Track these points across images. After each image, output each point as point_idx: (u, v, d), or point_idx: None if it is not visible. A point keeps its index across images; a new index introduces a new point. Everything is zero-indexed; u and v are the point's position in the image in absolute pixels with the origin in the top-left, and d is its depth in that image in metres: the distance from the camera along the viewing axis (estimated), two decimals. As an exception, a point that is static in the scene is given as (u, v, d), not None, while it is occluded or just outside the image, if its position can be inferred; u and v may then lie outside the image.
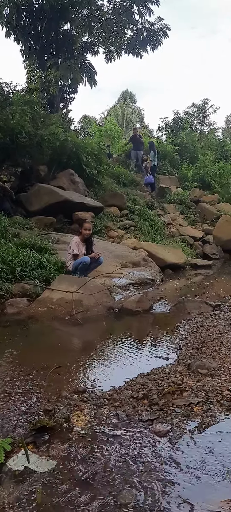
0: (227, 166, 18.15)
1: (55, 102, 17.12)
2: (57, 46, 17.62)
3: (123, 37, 18.82)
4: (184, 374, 2.99)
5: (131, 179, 15.46)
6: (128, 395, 2.72)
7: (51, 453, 2.11)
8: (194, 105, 26.78)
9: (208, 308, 5.21)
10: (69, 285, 5.38)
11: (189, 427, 2.29)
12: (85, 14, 17.92)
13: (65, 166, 11.25)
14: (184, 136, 21.52)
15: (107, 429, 2.32)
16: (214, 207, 14.76)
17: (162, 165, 18.05)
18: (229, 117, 39.88)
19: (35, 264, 6.05)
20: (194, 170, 18.42)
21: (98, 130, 23.11)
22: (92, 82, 18.84)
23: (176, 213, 14.02)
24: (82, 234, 6.41)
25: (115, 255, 7.93)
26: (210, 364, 3.11)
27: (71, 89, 18.55)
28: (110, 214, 11.39)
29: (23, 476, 1.93)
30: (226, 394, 2.60)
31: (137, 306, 5.17)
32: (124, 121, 36.57)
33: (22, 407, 2.61)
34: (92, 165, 11.93)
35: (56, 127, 11.25)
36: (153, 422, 2.37)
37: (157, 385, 2.80)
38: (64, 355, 3.77)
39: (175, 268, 9.08)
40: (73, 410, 2.55)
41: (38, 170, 10.77)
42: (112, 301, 5.52)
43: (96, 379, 3.13)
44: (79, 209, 9.87)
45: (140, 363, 3.47)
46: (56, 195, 9.70)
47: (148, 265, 8.22)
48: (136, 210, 12.01)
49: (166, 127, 23.27)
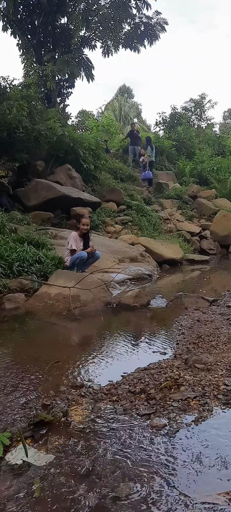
0: (224, 162, 18.16)
1: (52, 97, 17.05)
2: (55, 40, 17.52)
3: (120, 32, 18.75)
4: (181, 368, 3.01)
5: (128, 174, 15.44)
6: (125, 389, 2.74)
7: (49, 447, 2.12)
8: (192, 100, 26.75)
9: (205, 303, 5.24)
10: (67, 280, 5.39)
11: (186, 421, 2.31)
12: (82, 8, 17.85)
13: (63, 161, 11.22)
14: (181, 131, 21.50)
15: (104, 423, 2.34)
16: (211, 203, 14.78)
17: (160, 160, 18.03)
18: (226, 112, 39.90)
19: (33, 259, 6.05)
20: (191, 165, 18.43)
21: (96, 125, 22.99)
22: (90, 76, 18.77)
23: (174, 209, 14.04)
24: (80, 229, 6.41)
25: (112, 250, 7.94)
26: (207, 358, 3.13)
27: (69, 84, 18.47)
28: (108, 210, 11.39)
29: (21, 469, 1.95)
30: (222, 388, 2.63)
31: (135, 301, 5.19)
32: (121, 116, 36.46)
33: (20, 401, 2.62)
34: (90, 160, 11.91)
35: (53, 122, 11.23)
36: (150, 416, 2.39)
37: (154, 380, 2.82)
38: (62, 350, 3.79)
39: (172, 264, 9.11)
40: (71, 404, 2.57)
41: (35, 165, 10.74)
42: (110, 296, 5.53)
43: (94, 373, 3.15)
44: (76, 204, 9.87)
45: (137, 358, 3.49)
46: (53, 190, 9.69)
47: (145, 260, 8.24)
48: (133, 206, 12.01)
49: (163, 122, 23.26)
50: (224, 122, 38.55)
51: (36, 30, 17.11)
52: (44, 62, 16.57)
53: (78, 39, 18.63)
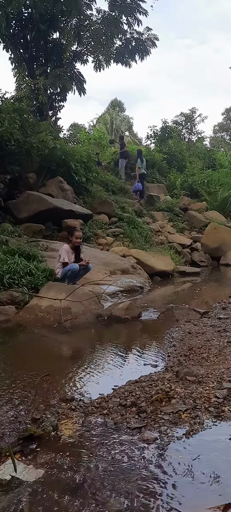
0: (215, 175, 18.41)
1: (44, 110, 17.13)
2: (47, 55, 17.67)
3: (112, 47, 18.99)
4: (172, 381, 3.00)
5: (119, 187, 15.54)
6: (116, 402, 2.72)
7: (39, 462, 2.09)
8: (182, 114, 27.20)
9: (196, 315, 5.25)
10: (58, 292, 5.36)
11: (177, 434, 2.29)
12: (74, 23, 18.06)
13: (54, 173, 11.24)
14: (172, 144, 21.78)
15: (95, 437, 2.31)
16: (202, 215, 14.93)
17: (151, 173, 18.21)
18: (216, 126, 40.57)
19: (24, 271, 6.01)
20: (182, 178, 18.64)
21: (88, 138, 23.17)
22: (82, 90, 18.95)
23: (165, 221, 14.13)
24: (72, 242, 6.40)
25: (104, 262, 7.94)
26: (198, 371, 3.12)
27: (60, 97, 18.59)
28: (99, 222, 11.41)
29: (10, 485, 1.91)
30: (213, 401, 2.62)
31: (126, 314, 5.17)
32: (113, 129, 36.77)
33: (10, 415, 2.58)
34: (82, 173, 11.96)
35: (45, 135, 11.26)
36: (141, 429, 2.36)
37: (145, 393, 2.80)
38: (53, 363, 3.76)
39: (164, 276, 9.13)
40: (61, 418, 2.54)
41: (27, 177, 10.74)
42: (101, 309, 5.51)
43: (85, 387, 3.13)
44: (68, 216, 9.87)
45: (129, 371, 3.47)
46: (45, 202, 9.69)
47: (136, 272, 8.24)
48: (124, 218, 12.05)
49: (154, 135, 23.53)
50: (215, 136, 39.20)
51: (28, 44, 17.24)
52: (36, 76, 16.69)
53: (70, 54, 18.82)
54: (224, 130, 40.43)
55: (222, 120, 40.77)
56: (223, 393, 2.69)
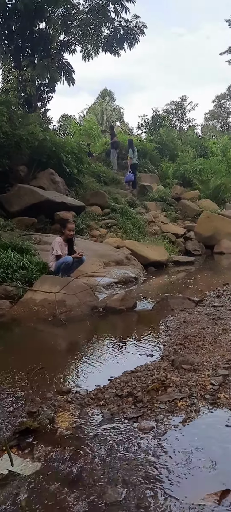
0: (207, 163, 18.41)
1: (33, 102, 16.91)
2: (33, 45, 17.40)
3: (100, 36, 18.77)
4: (168, 370, 3.01)
5: (112, 178, 15.46)
6: (113, 393, 2.72)
7: (36, 455, 2.08)
8: (173, 103, 27.06)
9: (191, 304, 5.26)
10: (52, 285, 5.33)
11: (173, 422, 2.30)
12: (61, 12, 17.76)
13: (45, 166, 11.15)
14: (163, 133, 21.69)
15: (92, 429, 2.31)
16: (195, 204, 14.95)
17: (143, 163, 18.14)
18: (207, 114, 40.51)
19: (17, 265, 5.97)
20: (174, 167, 18.59)
21: (78, 129, 22.98)
22: (70, 80, 18.73)
23: (158, 211, 14.12)
24: (65, 234, 6.37)
25: (98, 254, 7.91)
26: (194, 359, 3.13)
27: (49, 88, 18.35)
28: (92, 213, 11.37)
29: (7, 480, 1.90)
30: (209, 388, 2.63)
31: (121, 305, 5.17)
32: (104, 120, 36.55)
33: (6, 409, 2.57)
34: (73, 164, 11.87)
35: (34, 127, 11.14)
36: (137, 419, 2.37)
37: (141, 383, 2.80)
38: (49, 356, 3.74)
39: (158, 266, 9.14)
40: (57, 411, 2.53)
41: (17, 170, 10.64)
42: (96, 300, 5.50)
43: (81, 379, 3.12)
44: (60, 208, 9.81)
45: (124, 361, 3.47)
46: (36, 195, 9.62)
47: (131, 263, 8.24)
48: (117, 209, 12.01)
49: (145, 124, 23.40)
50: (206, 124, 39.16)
51: (14, 35, 16.91)
52: (23, 67, 16.41)
53: (58, 44, 18.53)
54: (215, 117, 40.41)
55: (213, 108, 40.74)
56: (218, 380, 2.70)
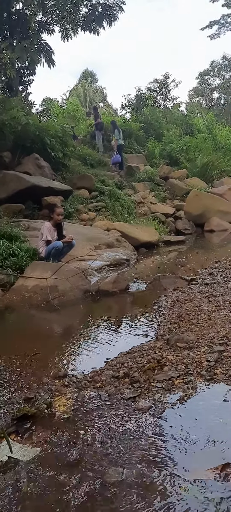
0: (193, 140, 18.33)
1: (13, 85, 16.53)
2: (11, 27, 16.93)
3: (78, 14, 18.32)
4: (163, 349, 3.02)
5: (98, 160, 15.29)
6: (109, 375, 2.72)
7: (35, 440, 2.08)
8: (156, 81, 26.62)
9: (184, 283, 5.27)
10: (43, 271, 5.29)
11: (171, 400, 2.31)
12: (37, -8, 17.24)
13: (30, 151, 10.97)
14: (148, 112, 21.45)
15: (89, 411, 2.31)
16: (183, 183, 14.93)
17: (128, 143, 17.95)
18: (191, 91, 40.18)
19: (7, 253, 5.92)
20: (160, 146, 18.45)
21: (61, 111, 22.56)
22: (51, 62, 18.33)
23: (146, 191, 14.06)
24: (54, 219, 6.30)
25: (88, 238, 7.87)
26: (188, 337, 3.15)
27: (29, 71, 17.93)
28: (80, 197, 11.26)
29: (7, 466, 1.89)
30: (205, 365, 2.65)
31: (113, 287, 5.16)
32: (87, 101, 35.94)
33: (2, 397, 2.56)
34: (58, 148, 11.70)
35: (16, 111, 10.92)
36: (135, 399, 2.37)
37: (137, 363, 2.81)
38: (43, 342, 3.73)
39: (149, 246, 9.15)
40: (54, 395, 2.52)
41: (1, 156, 10.46)
42: (89, 284, 5.48)
43: (77, 362, 3.12)
44: (47, 193, 9.69)
45: (120, 343, 3.47)
46: (22, 181, 9.48)
47: (121, 246, 8.22)
48: (105, 191, 11.91)
49: (129, 104, 23.09)
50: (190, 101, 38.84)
51: (-10, 18, 16.41)
52: (2, 50, 15.96)
53: (36, 25, 17.97)
54: (199, 94, 40.08)
55: (196, 85, 40.37)
56: (214, 356, 2.72)
